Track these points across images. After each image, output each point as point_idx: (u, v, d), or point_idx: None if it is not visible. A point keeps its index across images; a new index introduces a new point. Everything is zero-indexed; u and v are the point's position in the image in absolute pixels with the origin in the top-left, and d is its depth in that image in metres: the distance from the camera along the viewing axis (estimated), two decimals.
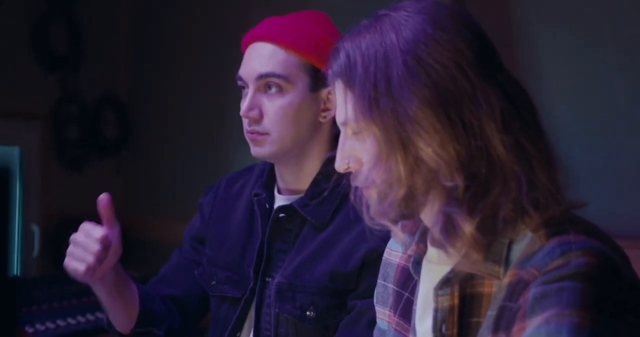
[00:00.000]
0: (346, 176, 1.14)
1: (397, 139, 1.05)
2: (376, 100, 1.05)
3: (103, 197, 1.61)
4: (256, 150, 1.60)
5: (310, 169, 1.62)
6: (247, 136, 1.61)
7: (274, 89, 1.56)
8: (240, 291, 1.64)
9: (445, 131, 1.04)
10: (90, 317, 2.37)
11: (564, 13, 2.35)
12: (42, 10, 3.18)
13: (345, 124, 1.11)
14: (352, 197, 1.15)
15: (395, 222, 1.15)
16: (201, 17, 3.30)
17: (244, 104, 1.58)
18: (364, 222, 1.14)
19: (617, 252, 1.04)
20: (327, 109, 1.60)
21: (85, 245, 1.54)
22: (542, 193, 1.06)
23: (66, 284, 2.63)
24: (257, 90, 1.58)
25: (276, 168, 1.66)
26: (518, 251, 1.06)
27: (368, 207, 1.12)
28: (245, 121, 1.60)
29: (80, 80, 3.32)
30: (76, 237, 1.55)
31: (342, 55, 1.10)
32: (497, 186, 1.05)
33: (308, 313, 1.53)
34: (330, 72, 1.13)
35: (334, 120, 1.64)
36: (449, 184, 1.04)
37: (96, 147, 3.40)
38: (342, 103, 1.11)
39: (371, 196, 1.11)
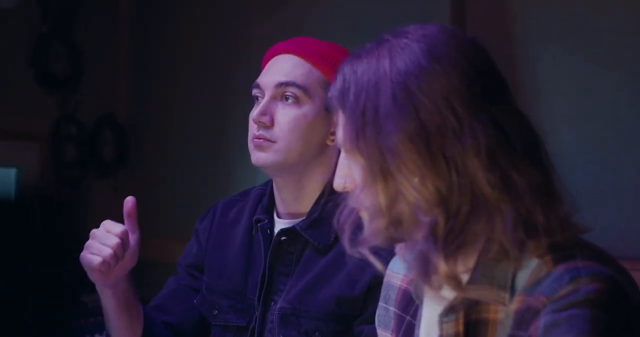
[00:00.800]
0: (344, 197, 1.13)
1: (379, 169, 1.05)
2: (362, 128, 1.05)
3: (129, 200, 1.60)
4: (258, 156, 1.56)
5: (311, 190, 1.60)
6: (252, 142, 1.58)
7: (290, 99, 1.55)
8: (244, 319, 1.61)
9: (426, 166, 1.03)
10: None
11: (565, 32, 2.35)
12: (42, 31, 3.19)
13: (341, 147, 1.11)
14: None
15: (374, 249, 1.12)
16: (201, 38, 3.30)
17: (257, 109, 1.56)
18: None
19: (624, 276, 1.03)
20: (335, 133, 1.60)
21: (104, 238, 1.53)
22: (541, 223, 1.05)
23: (67, 306, 2.61)
24: (273, 97, 1.57)
25: (275, 187, 1.64)
26: (524, 277, 1.05)
27: (349, 233, 1.11)
28: (253, 127, 1.57)
29: (79, 101, 3.32)
30: (96, 231, 1.55)
31: (339, 78, 1.10)
32: (479, 222, 1.04)
33: None
34: (329, 94, 1.13)
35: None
36: (426, 219, 1.03)
37: (95, 168, 3.39)
38: (339, 125, 1.11)
39: (364, 217, 1.10)
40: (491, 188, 1.04)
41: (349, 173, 1.12)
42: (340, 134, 1.10)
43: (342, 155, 1.13)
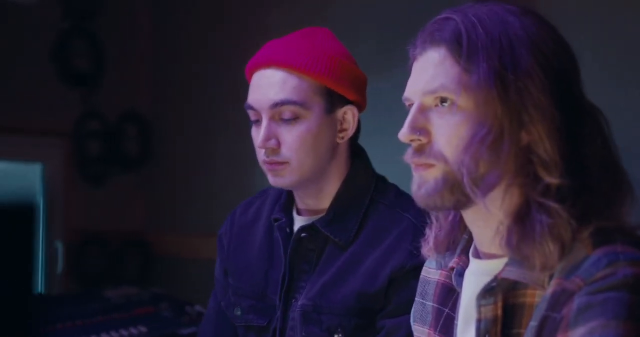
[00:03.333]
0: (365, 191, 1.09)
1: (517, 121, 1.03)
2: (503, 78, 1.03)
3: None
4: (276, 181, 1.55)
5: (330, 188, 1.59)
6: (264, 167, 1.55)
7: (289, 117, 1.51)
8: (265, 319, 1.61)
9: (562, 127, 1.03)
10: (114, 334, 2.36)
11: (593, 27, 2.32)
12: (63, 27, 3.20)
13: (433, 92, 1.07)
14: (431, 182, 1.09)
15: (443, 209, 1.12)
16: (222, 31, 3.30)
17: (260, 135, 1.52)
18: (389, 239, 1.11)
19: None
20: (344, 130, 1.57)
21: None
22: (616, 217, 1.06)
23: (90, 301, 2.63)
24: (272, 119, 1.52)
25: (295, 192, 1.63)
26: (563, 260, 1.03)
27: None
28: (261, 152, 1.54)
29: (101, 96, 3.33)
30: None
31: (459, 24, 1.07)
32: (586, 193, 1.04)
33: (336, 336, 1.50)
34: (430, 38, 1.09)
35: (357, 135, 1.61)
36: (550, 179, 1.03)
37: (118, 163, 3.40)
38: (437, 71, 1.07)
39: (430, 175, 1.08)
40: (604, 160, 1.05)
41: (424, 125, 1.08)
42: (453, 79, 1.05)
43: (417, 106, 1.09)
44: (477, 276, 1.12)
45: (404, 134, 1.08)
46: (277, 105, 1.51)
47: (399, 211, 1.54)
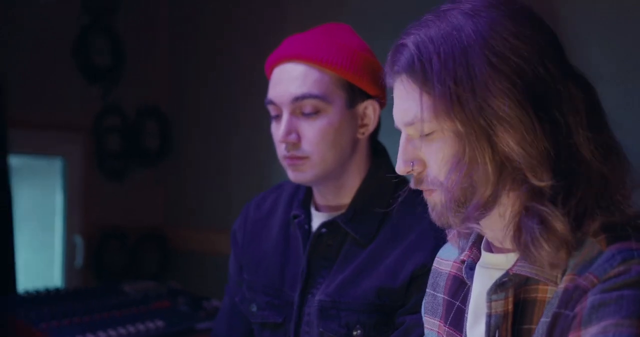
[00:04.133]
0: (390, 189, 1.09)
1: (485, 137, 1.01)
2: (459, 97, 1.02)
3: None
4: (297, 176, 1.54)
5: (351, 184, 1.58)
6: (284, 162, 1.55)
7: (310, 111, 1.50)
8: (281, 316, 1.60)
9: (534, 129, 1.01)
10: (131, 329, 2.37)
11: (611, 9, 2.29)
12: (83, 23, 3.21)
13: (411, 124, 1.07)
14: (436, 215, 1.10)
15: (459, 226, 1.11)
16: (240, 27, 3.30)
17: (281, 129, 1.52)
18: (411, 237, 1.11)
19: None
20: (364, 125, 1.56)
21: None
22: (617, 197, 1.03)
23: (108, 295, 2.64)
24: (292, 113, 1.52)
25: (315, 188, 1.62)
26: (576, 256, 1.02)
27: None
28: (281, 146, 1.54)
29: (121, 92, 3.34)
30: None
31: (410, 50, 1.06)
32: (583, 185, 1.02)
33: (355, 332, 1.49)
34: (392, 69, 1.09)
35: (370, 133, 1.60)
36: (538, 183, 1.01)
37: (137, 158, 3.42)
38: (407, 102, 1.06)
39: (435, 199, 1.08)
40: (592, 149, 1.03)
41: (415, 155, 1.08)
42: (423, 107, 1.04)
43: (405, 137, 1.09)
44: (488, 269, 1.11)
45: (399, 169, 1.09)
46: (298, 99, 1.50)
47: (421, 209, 1.54)
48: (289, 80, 1.52)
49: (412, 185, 1.11)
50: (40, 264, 3.17)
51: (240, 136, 3.29)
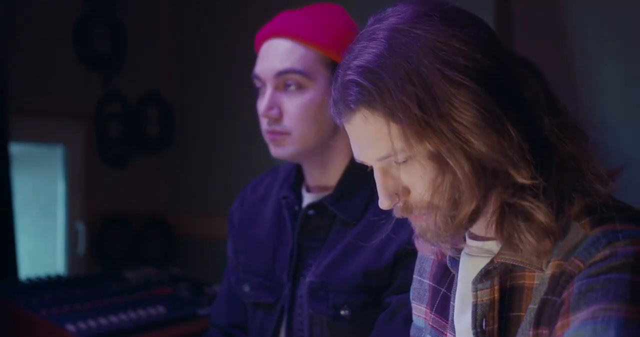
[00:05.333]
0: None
1: (460, 152, 0.99)
2: (426, 121, 0.98)
3: None
4: (277, 151, 1.54)
5: (338, 164, 1.58)
6: (266, 137, 1.56)
7: (293, 87, 1.51)
8: (273, 296, 1.60)
9: (505, 129, 0.99)
10: (132, 315, 2.37)
11: (615, 16, 2.27)
12: (84, 10, 3.20)
13: (386, 158, 1.03)
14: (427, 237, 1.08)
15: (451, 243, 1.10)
16: (244, 14, 3.28)
17: (263, 103, 1.53)
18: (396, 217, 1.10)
19: None
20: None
21: None
22: (589, 175, 1.02)
23: (110, 281, 2.64)
24: (276, 88, 1.52)
25: (303, 167, 1.63)
26: (561, 240, 1.01)
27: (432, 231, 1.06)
28: (264, 121, 1.54)
29: (123, 79, 3.33)
30: None
31: (362, 84, 1.01)
32: (557, 171, 1.01)
33: (342, 312, 1.50)
34: (346, 107, 1.03)
35: None
36: (522, 180, 0.99)
37: (139, 145, 3.41)
38: (376, 137, 1.02)
39: (425, 222, 1.05)
40: (560, 132, 1.01)
41: (397, 186, 1.05)
42: (393, 139, 1.00)
43: (380, 171, 1.05)
44: (473, 257, 1.10)
45: (385, 205, 1.06)
46: (281, 74, 1.51)
47: None
48: (275, 55, 1.52)
49: (398, 214, 1.08)
50: (42, 252, 3.17)
51: (241, 122, 3.28)
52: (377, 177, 1.06)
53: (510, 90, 1.00)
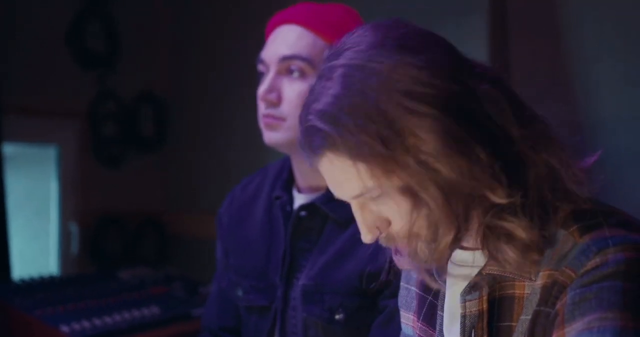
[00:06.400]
0: None
1: (431, 182, 0.97)
2: (391, 156, 0.97)
3: None
4: (269, 136, 1.52)
5: None
6: (261, 121, 1.53)
7: (296, 73, 1.49)
8: (267, 299, 1.58)
9: (473, 152, 0.97)
10: (126, 315, 2.35)
11: (612, 14, 2.26)
12: (79, 7, 3.18)
13: (360, 196, 1.02)
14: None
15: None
16: (240, 12, 3.27)
17: (263, 86, 1.50)
18: None
19: None
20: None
21: None
22: (569, 182, 1.00)
23: (104, 281, 2.63)
24: (279, 73, 1.51)
25: (293, 163, 1.60)
26: (550, 249, 0.99)
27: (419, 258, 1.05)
28: (261, 105, 1.52)
29: (117, 78, 3.31)
30: None
31: (323, 129, 0.99)
32: (534, 182, 0.99)
33: (337, 316, 1.47)
34: (313, 153, 1.02)
35: None
36: (499, 201, 0.98)
37: (134, 144, 3.39)
38: (346, 178, 1.01)
39: (412, 252, 1.05)
40: (529, 145, 0.99)
41: (376, 219, 1.04)
42: (363, 179, 0.99)
43: (357, 208, 1.05)
44: (461, 266, 1.09)
45: (367, 239, 1.06)
46: (285, 59, 1.49)
47: None
48: (283, 40, 1.51)
49: (383, 244, 1.08)
50: (35, 252, 3.15)
51: (238, 122, 3.26)
52: (356, 213, 1.06)
53: (474, 110, 0.98)
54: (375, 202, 1.03)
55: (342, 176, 1.01)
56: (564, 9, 2.31)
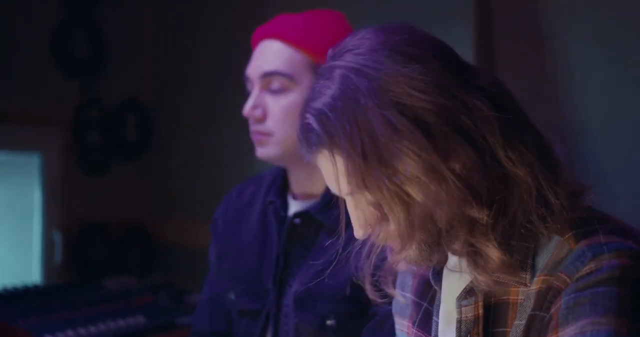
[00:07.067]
0: None
1: (398, 201, 0.99)
2: (367, 167, 0.98)
3: None
4: (260, 152, 1.56)
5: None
6: (252, 137, 1.58)
7: (278, 88, 1.52)
8: (259, 303, 1.59)
9: (448, 177, 0.97)
10: (112, 325, 2.34)
11: (596, 20, 2.27)
12: (62, 15, 3.16)
13: (351, 193, 1.04)
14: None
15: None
16: (225, 19, 3.26)
17: (248, 102, 1.54)
18: None
19: None
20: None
21: None
22: (554, 199, 1.00)
23: (88, 290, 2.61)
24: (262, 88, 1.54)
25: (288, 172, 1.62)
26: (544, 256, 1.00)
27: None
28: (250, 121, 1.56)
29: (101, 85, 3.29)
30: None
31: (315, 128, 1.01)
32: (514, 203, 1.00)
33: (328, 322, 1.48)
34: (309, 149, 1.04)
35: None
36: (477, 215, 0.99)
37: (119, 152, 3.37)
38: (337, 174, 1.02)
39: (405, 252, 1.06)
40: (514, 164, 0.99)
41: (369, 217, 1.05)
42: (340, 182, 1.01)
43: (352, 204, 1.06)
44: (456, 272, 1.09)
45: (359, 235, 1.07)
46: (267, 75, 1.53)
47: None
48: (264, 56, 1.54)
49: (377, 242, 1.09)
50: (18, 261, 3.12)
51: (223, 129, 3.25)
52: (349, 208, 1.07)
53: (460, 125, 0.98)
54: (370, 204, 1.04)
55: (334, 172, 1.03)
56: (549, 14, 2.32)
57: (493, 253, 0.99)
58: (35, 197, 3.14)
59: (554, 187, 1.00)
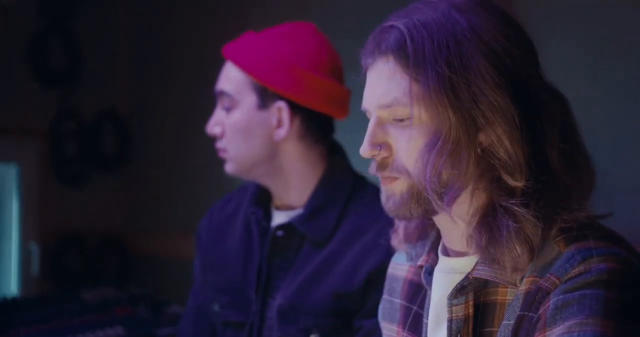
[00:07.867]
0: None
1: (474, 128, 1.00)
2: (453, 84, 0.99)
3: None
4: (225, 167, 1.61)
5: (302, 185, 1.58)
6: None
7: (227, 106, 1.58)
8: (243, 315, 1.58)
9: (521, 128, 0.99)
10: (90, 336, 2.32)
11: (571, 16, 2.30)
12: (39, 26, 3.15)
13: (388, 107, 1.03)
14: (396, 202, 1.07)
15: (413, 219, 1.10)
16: (202, 30, 3.26)
17: (210, 120, 1.61)
18: (367, 237, 1.09)
19: (638, 259, 0.99)
20: (280, 127, 1.56)
21: None
22: (575, 205, 1.02)
23: (66, 302, 2.59)
24: (221, 106, 1.60)
25: (268, 187, 1.64)
26: (536, 258, 1.01)
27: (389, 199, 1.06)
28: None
29: (78, 96, 3.28)
30: None
31: (402, 32, 1.02)
32: (547, 193, 1.01)
33: (312, 335, 1.48)
34: (377, 48, 1.04)
35: (317, 136, 1.58)
36: (513, 183, 1.00)
37: (96, 163, 3.35)
38: (390, 84, 1.03)
39: (396, 188, 1.05)
40: (561, 159, 1.02)
41: (384, 139, 1.05)
42: (404, 90, 1.01)
43: (374, 121, 1.05)
44: (446, 274, 1.10)
45: (364, 151, 1.05)
46: (217, 94, 1.60)
47: (377, 210, 1.52)
48: (222, 75, 1.61)
49: (372, 170, 1.07)
50: None
51: (201, 141, 3.23)
52: (370, 124, 1.06)
53: (533, 104, 1.01)
54: (393, 125, 1.04)
55: (388, 81, 1.03)
56: (531, 26, 2.34)
57: (528, 226, 0.99)
58: (13, 208, 3.11)
59: (578, 196, 1.03)
